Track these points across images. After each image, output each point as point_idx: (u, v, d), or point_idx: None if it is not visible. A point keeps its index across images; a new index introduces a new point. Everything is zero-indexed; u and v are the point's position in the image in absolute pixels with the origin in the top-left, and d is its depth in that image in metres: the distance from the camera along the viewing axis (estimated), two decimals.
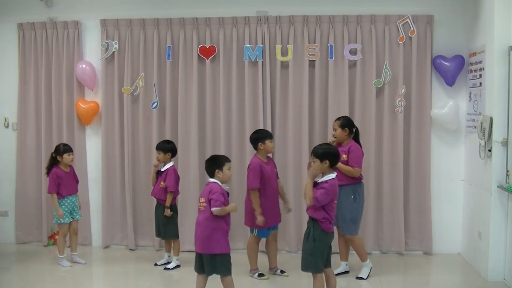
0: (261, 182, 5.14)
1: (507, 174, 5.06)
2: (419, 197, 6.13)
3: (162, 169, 5.71)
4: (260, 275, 5.37)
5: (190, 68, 6.27)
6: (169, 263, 5.77)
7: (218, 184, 4.41)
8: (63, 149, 5.76)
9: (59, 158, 5.74)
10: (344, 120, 5.33)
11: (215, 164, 4.48)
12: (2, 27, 6.60)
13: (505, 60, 5.13)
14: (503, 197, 5.17)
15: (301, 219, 5.94)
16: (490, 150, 5.25)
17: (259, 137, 5.27)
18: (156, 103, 6.30)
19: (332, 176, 4.24)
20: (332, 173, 4.27)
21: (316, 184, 4.23)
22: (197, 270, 4.47)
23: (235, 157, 6.09)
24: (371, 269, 5.37)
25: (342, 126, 5.27)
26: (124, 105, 6.35)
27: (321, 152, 4.26)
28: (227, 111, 6.24)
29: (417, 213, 6.15)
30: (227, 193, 4.45)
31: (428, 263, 5.99)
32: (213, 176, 4.45)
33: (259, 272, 5.38)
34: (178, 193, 5.81)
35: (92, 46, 6.48)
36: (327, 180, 4.21)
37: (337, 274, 5.07)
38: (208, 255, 4.34)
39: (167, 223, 5.67)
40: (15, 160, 6.62)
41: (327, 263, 4.38)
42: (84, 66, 6.36)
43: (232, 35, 6.21)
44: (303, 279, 5.03)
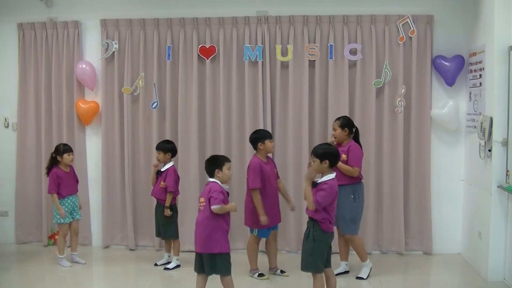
0: (261, 182, 5.13)
1: (507, 174, 5.06)
2: (419, 197, 6.13)
3: (162, 169, 5.71)
4: (260, 275, 5.37)
5: (190, 68, 6.27)
6: (169, 263, 5.77)
7: (217, 183, 4.41)
8: (63, 149, 5.76)
9: (59, 158, 5.74)
10: (344, 120, 5.32)
11: (215, 164, 4.48)
12: (2, 27, 6.60)
13: (505, 60, 5.13)
14: (503, 197, 5.16)
15: (301, 219, 5.92)
16: (490, 150, 5.25)
17: (258, 137, 5.26)
18: (156, 103, 6.30)
19: (332, 176, 4.24)
20: (332, 173, 4.26)
21: (315, 184, 4.23)
22: (196, 270, 4.47)
23: (235, 157, 6.09)
24: (371, 269, 5.37)
25: (342, 126, 5.26)
26: (124, 105, 6.35)
27: (321, 152, 4.25)
28: (227, 111, 6.24)
29: (417, 213, 6.15)
30: (227, 193, 4.45)
31: (428, 263, 5.98)
32: (213, 176, 4.45)
33: (259, 272, 5.38)
34: (178, 193, 5.81)
35: (92, 46, 6.48)
36: (326, 181, 4.20)
37: (337, 274, 5.07)
38: (208, 255, 4.34)
39: (167, 223, 5.67)
40: (15, 160, 6.62)
41: (327, 263, 4.38)
42: (84, 66, 6.36)
43: (232, 35, 6.21)
44: (303, 279, 5.03)
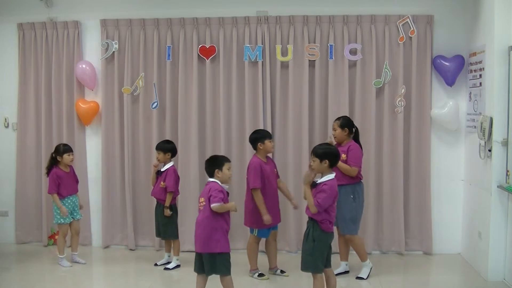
0: (261, 182, 5.13)
1: (507, 174, 5.05)
2: (419, 197, 6.13)
3: (162, 169, 5.71)
4: (260, 275, 5.37)
5: (190, 68, 6.27)
6: (169, 263, 5.77)
7: (217, 183, 4.41)
8: (63, 149, 5.76)
9: (59, 158, 5.74)
10: (343, 120, 5.32)
11: (214, 164, 4.48)
12: (2, 27, 6.60)
13: (505, 60, 5.13)
14: (503, 197, 5.16)
15: (301, 219, 5.92)
16: (490, 150, 5.25)
17: (258, 137, 5.26)
18: (156, 103, 6.30)
19: (331, 176, 4.24)
20: (331, 173, 4.26)
21: (315, 184, 4.23)
22: (196, 270, 4.47)
23: (235, 157, 6.09)
24: (371, 269, 5.37)
25: (341, 126, 5.26)
26: (124, 105, 6.35)
27: (321, 152, 4.25)
28: (227, 111, 6.24)
29: (417, 213, 6.14)
30: (227, 193, 4.45)
31: (428, 263, 5.98)
32: (212, 176, 4.45)
33: (259, 272, 5.38)
34: (178, 193, 5.81)
35: (92, 46, 6.48)
36: (326, 182, 4.20)
37: (337, 274, 5.07)
38: (208, 255, 4.34)
39: (167, 223, 5.67)
40: (15, 160, 6.62)
41: (327, 263, 4.38)
42: (84, 66, 6.36)
43: (232, 35, 6.21)
44: (303, 279, 5.03)
